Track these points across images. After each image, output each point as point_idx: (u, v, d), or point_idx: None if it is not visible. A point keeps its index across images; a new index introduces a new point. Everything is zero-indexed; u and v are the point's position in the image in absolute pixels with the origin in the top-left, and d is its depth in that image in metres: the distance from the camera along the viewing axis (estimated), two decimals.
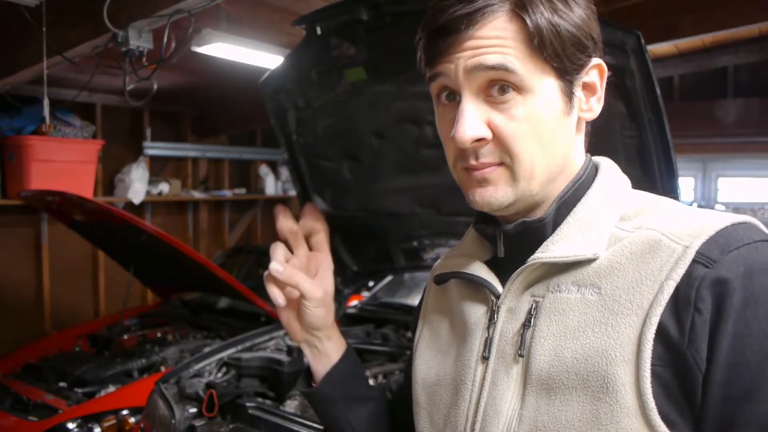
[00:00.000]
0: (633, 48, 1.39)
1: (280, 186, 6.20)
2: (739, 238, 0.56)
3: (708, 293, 0.54)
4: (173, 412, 1.82)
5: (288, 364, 2.20)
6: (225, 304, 3.54)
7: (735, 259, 0.55)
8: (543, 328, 0.61)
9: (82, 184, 3.88)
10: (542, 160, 0.62)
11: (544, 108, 0.61)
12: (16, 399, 2.64)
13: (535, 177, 0.62)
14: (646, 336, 0.55)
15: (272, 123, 2.22)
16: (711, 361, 0.53)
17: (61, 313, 4.36)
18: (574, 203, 0.65)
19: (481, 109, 0.61)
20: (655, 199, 0.65)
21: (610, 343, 0.56)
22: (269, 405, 1.89)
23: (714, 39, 4.90)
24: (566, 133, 0.64)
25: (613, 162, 0.71)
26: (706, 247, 0.56)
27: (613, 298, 0.58)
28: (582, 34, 0.61)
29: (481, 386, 0.65)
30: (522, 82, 0.59)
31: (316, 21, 1.80)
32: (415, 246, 2.48)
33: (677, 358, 0.54)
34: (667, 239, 0.58)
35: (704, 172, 11.69)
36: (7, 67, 2.90)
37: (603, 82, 0.66)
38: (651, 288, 0.56)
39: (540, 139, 0.61)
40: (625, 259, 0.59)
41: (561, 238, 0.63)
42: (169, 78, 3.82)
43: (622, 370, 0.55)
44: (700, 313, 0.53)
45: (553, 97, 0.61)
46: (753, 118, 5.62)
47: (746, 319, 0.53)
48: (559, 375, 0.59)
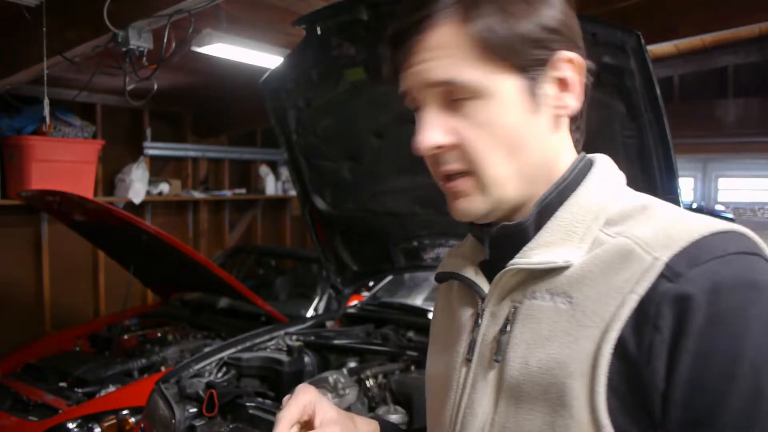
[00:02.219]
0: (633, 48, 1.39)
1: (280, 186, 6.20)
2: (711, 250, 0.53)
3: (669, 310, 0.51)
4: (173, 412, 1.82)
5: (288, 364, 2.20)
6: (225, 304, 3.54)
7: (702, 273, 0.51)
8: (517, 335, 0.60)
9: (82, 184, 3.87)
10: (510, 164, 0.60)
11: (505, 110, 0.59)
12: (16, 399, 2.64)
13: (507, 182, 0.61)
14: (602, 350, 0.53)
15: (272, 123, 2.22)
16: (670, 380, 0.50)
17: (61, 313, 4.35)
18: (557, 206, 0.62)
19: (444, 116, 0.60)
20: (645, 201, 0.62)
21: (571, 356, 0.55)
22: (269, 405, 1.89)
23: (714, 39, 4.91)
24: (536, 133, 0.61)
25: (608, 159, 0.68)
26: (675, 259, 0.52)
27: (581, 308, 0.56)
28: (537, 29, 0.58)
29: (463, 388, 0.65)
30: (475, 89, 0.58)
31: (316, 21, 1.80)
32: (415, 246, 2.48)
33: (635, 375, 0.52)
34: (640, 249, 0.55)
35: (704, 172, 11.70)
36: (7, 67, 2.90)
37: (580, 77, 0.62)
38: (615, 300, 0.54)
39: (504, 143, 0.60)
40: (597, 268, 0.57)
41: (539, 244, 0.61)
42: (169, 78, 3.82)
43: (578, 384, 0.54)
44: (659, 331, 0.51)
45: (513, 97, 0.59)
46: (753, 118, 5.62)
47: (709, 339, 0.49)
48: (525, 384, 0.58)
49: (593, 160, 0.67)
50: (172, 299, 3.83)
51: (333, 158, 2.26)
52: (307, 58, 1.93)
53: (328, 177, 2.33)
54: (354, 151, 2.19)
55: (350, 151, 2.20)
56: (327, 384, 1.97)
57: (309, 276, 3.88)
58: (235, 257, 4.44)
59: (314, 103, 2.11)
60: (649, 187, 1.56)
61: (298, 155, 2.30)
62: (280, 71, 2.04)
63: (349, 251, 2.59)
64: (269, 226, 6.41)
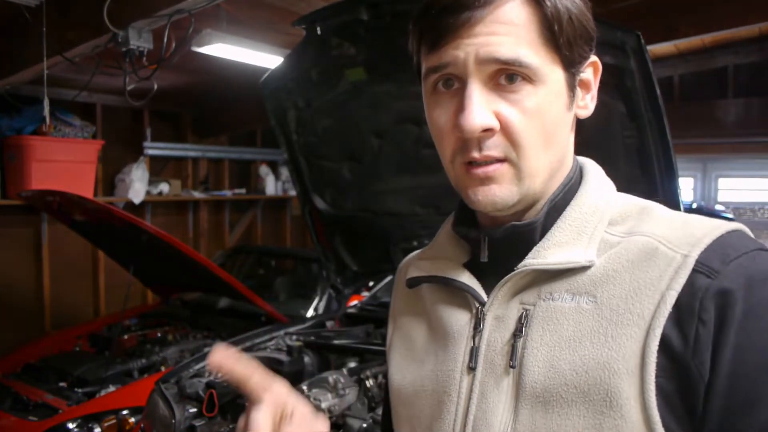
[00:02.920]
0: (633, 48, 1.39)
1: (280, 186, 6.20)
2: (736, 247, 0.55)
3: (712, 304, 0.52)
4: (173, 412, 1.82)
5: (288, 364, 2.20)
6: (225, 304, 3.54)
7: (736, 269, 0.54)
8: (536, 338, 0.58)
9: (82, 184, 3.87)
10: (546, 156, 0.59)
11: (553, 100, 0.58)
12: (16, 399, 2.64)
13: (539, 174, 0.60)
14: (650, 348, 0.53)
15: (272, 123, 2.22)
16: (713, 371, 0.52)
17: (61, 313, 4.35)
18: (563, 206, 0.62)
19: (488, 97, 0.57)
20: (640, 202, 0.64)
21: (612, 355, 0.54)
22: None
23: (714, 39, 4.91)
24: (567, 130, 0.62)
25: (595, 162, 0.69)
26: (705, 256, 0.54)
27: (610, 307, 0.56)
28: (588, 26, 0.60)
29: (468, 398, 0.61)
30: (535, 73, 0.56)
31: (316, 21, 1.80)
32: (415, 246, 2.48)
33: (681, 369, 0.53)
34: (664, 247, 0.56)
35: (704, 172, 11.70)
36: (7, 67, 2.90)
37: (597, 80, 0.64)
38: (651, 298, 0.54)
39: (546, 134, 0.58)
40: (621, 266, 0.57)
41: (553, 244, 0.60)
42: (169, 78, 3.82)
43: (626, 383, 0.53)
44: (704, 324, 0.52)
45: (560, 89, 0.59)
46: (753, 118, 5.62)
47: (746, 331, 0.52)
48: (556, 387, 0.56)
49: (583, 164, 0.68)
50: (172, 299, 3.83)
51: (333, 158, 2.26)
52: (307, 58, 1.93)
53: (328, 177, 2.33)
54: (354, 151, 2.19)
55: (350, 151, 2.20)
56: (327, 384, 1.97)
57: (309, 276, 3.88)
58: (235, 257, 4.44)
59: (314, 103, 2.11)
60: (649, 187, 1.56)
61: (298, 155, 2.30)
62: (280, 71, 2.04)
63: (349, 251, 2.59)
64: (269, 226, 6.41)
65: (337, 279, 2.67)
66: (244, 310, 3.36)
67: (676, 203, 1.55)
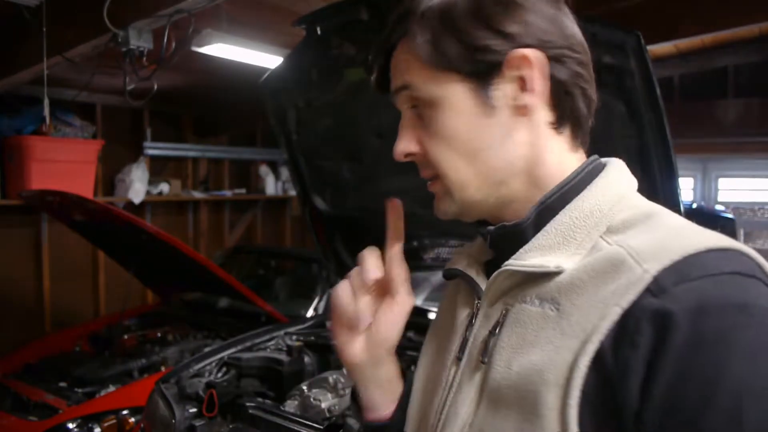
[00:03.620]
0: (633, 48, 1.39)
1: (280, 186, 6.20)
2: (704, 266, 0.50)
3: (648, 326, 0.48)
4: (173, 412, 1.82)
5: (288, 364, 2.20)
6: (225, 304, 3.54)
7: (688, 291, 0.49)
8: (504, 338, 0.59)
9: (82, 184, 3.87)
10: (469, 167, 0.62)
11: (454, 116, 0.61)
12: (16, 399, 2.64)
13: (468, 186, 0.62)
14: (579, 362, 0.51)
15: (272, 123, 2.22)
16: (644, 401, 0.48)
17: (61, 313, 4.35)
18: (559, 209, 0.60)
19: (413, 125, 0.65)
20: (651, 210, 0.59)
21: (549, 364, 0.53)
22: (269, 405, 1.89)
23: (714, 39, 4.91)
24: (495, 134, 0.60)
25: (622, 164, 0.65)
26: (663, 273, 0.50)
27: (567, 316, 0.55)
28: (485, 35, 0.58)
29: (450, 387, 0.64)
30: (426, 96, 0.62)
31: (316, 21, 1.80)
32: (415, 246, 2.48)
33: (610, 390, 0.50)
34: (632, 260, 0.53)
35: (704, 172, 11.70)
36: (7, 67, 2.90)
37: (539, 72, 0.59)
38: (600, 312, 0.52)
39: (459, 148, 0.61)
40: (587, 276, 0.55)
41: (535, 247, 0.59)
42: (169, 78, 3.82)
43: (553, 395, 0.52)
44: (636, 347, 0.49)
45: (463, 102, 0.60)
46: (753, 118, 5.62)
47: (687, 362, 0.47)
48: (504, 389, 0.57)
49: (605, 165, 0.65)
50: (172, 299, 3.83)
51: (333, 158, 2.26)
52: (307, 58, 1.93)
53: (328, 177, 2.33)
54: (354, 151, 2.19)
55: (350, 151, 2.20)
56: (327, 384, 1.97)
57: (309, 276, 3.88)
58: (235, 257, 4.44)
59: (314, 103, 2.11)
60: (649, 187, 1.55)
61: (298, 155, 2.30)
62: (280, 71, 2.04)
63: (349, 251, 2.58)
64: (269, 226, 6.41)
65: (337, 279, 2.66)
66: (244, 310, 3.36)
67: (676, 203, 1.55)
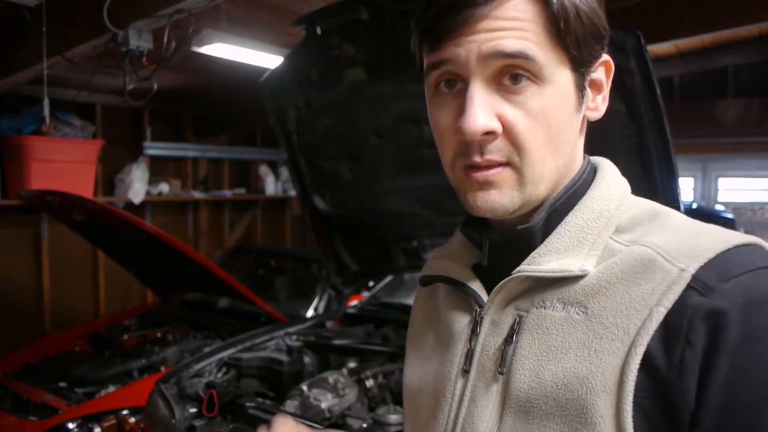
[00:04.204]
0: (633, 48, 1.39)
1: (280, 186, 6.20)
2: (740, 263, 0.51)
3: (702, 325, 0.48)
4: (173, 412, 1.82)
5: (288, 364, 2.20)
6: (225, 304, 3.54)
7: (734, 288, 0.49)
8: (525, 346, 0.57)
9: (82, 184, 3.87)
10: (552, 161, 0.57)
11: (560, 102, 0.56)
12: (16, 399, 2.64)
13: (544, 180, 0.58)
14: (629, 366, 0.50)
15: (272, 123, 2.22)
16: (701, 399, 0.48)
17: (61, 313, 4.35)
18: (566, 211, 0.59)
19: (491, 98, 0.54)
20: (654, 208, 0.59)
21: (592, 370, 0.52)
22: (269, 405, 1.89)
23: (714, 39, 4.91)
24: (575, 132, 0.60)
25: (612, 163, 0.65)
26: (703, 271, 0.50)
27: (599, 319, 0.53)
28: (600, 23, 0.57)
29: (460, 401, 0.61)
30: (540, 71, 0.54)
31: (316, 21, 1.80)
32: (415, 246, 2.48)
33: (663, 391, 0.49)
34: (662, 259, 0.52)
35: (704, 172, 11.70)
36: (7, 67, 2.90)
37: (609, 81, 0.61)
38: (640, 313, 0.51)
39: (552, 137, 0.56)
40: (615, 278, 0.54)
41: (549, 250, 0.57)
42: (169, 78, 3.82)
43: (603, 401, 0.51)
44: (691, 346, 0.48)
45: (568, 90, 0.56)
46: (753, 118, 5.63)
47: (743, 356, 0.47)
48: (537, 398, 0.55)
49: (597, 165, 0.64)
50: (172, 299, 3.83)
51: (333, 158, 2.26)
52: (307, 58, 1.94)
53: (328, 177, 2.33)
54: (354, 151, 2.19)
55: (350, 151, 2.20)
56: (327, 384, 1.97)
57: (309, 276, 3.88)
58: (235, 257, 4.44)
59: (314, 103, 2.11)
60: (649, 187, 1.56)
61: (298, 155, 2.30)
62: (280, 71, 2.04)
63: (349, 251, 2.59)
64: (269, 226, 6.41)
65: (337, 279, 2.66)
66: (244, 310, 3.36)
67: (676, 203, 1.55)
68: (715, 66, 5.78)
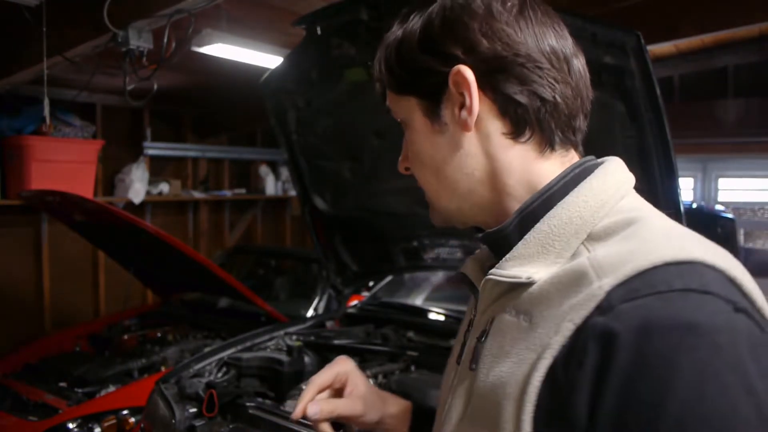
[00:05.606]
0: (633, 48, 1.39)
1: (280, 186, 6.20)
2: (654, 283, 0.48)
3: (594, 346, 0.48)
4: (173, 412, 1.81)
5: (288, 364, 2.20)
6: (225, 304, 3.54)
7: (632, 309, 0.47)
8: (487, 346, 0.59)
9: (82, 184, 3.87)
10: (436, 182, 0.66)
11: (417, 135, 0.66)
12: (16, 399, 2.64)
13: (441, 199, 0.67)
14: (533, 376, 0.51)
15: (272, 123, 2.22)
16: (592, 422, 0.47)
17: (61, 313, 4.35)
18: (542, 216, 0.59)
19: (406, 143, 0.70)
20: (635, 216, 0.56)
21: (510, 377, 0.54)
22: (269, 405, 1.89)
23: (714, 39, 4.91)
24: (449, 149, 0.63)
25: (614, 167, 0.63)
26: (617, 288, 0.49)
27: (535, 329, 0.54)
28: (425, 58, 0.62)
29: (449, 389, 0.66)
30: (400, 117, 0.68)
31: (316, 21, 1.80)
32: (415, 246, 2.48)
33: (560, 406, 0.49)
34: (593, 273, 0.51)
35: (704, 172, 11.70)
36: (7, 67, 2.90)
37: (468, 88, 0.60)
38: (555, 326, 0.51)
39: (426, 165, 0.66)
40: (554, 288, 0.54)
41: (514, 256, 0.59)
42: (169, 78, 3.82)
43: (510, 408, 0.52)
44: (581, 366, 0.48)
45: (419, 122, 0.65)
46: (753, 118, 5.62)
47: (632, 384, 0.46)
48: (481, 398, 0.58)
49: (595, 167, 0.62)
50: (172, 299, 3.83)
51: (333, 158, 2.26)
52: (307, 58, 1.93)
53: (328, 177, 2.33)
54: (354, 151, 2.19)
55: (350, 151, 2.20)
56: None
57: (309, 276, 3.88)
58: (235, 257, 4.44)
59: (314, 103, 2.11)
60: (649, 187, 1.56)
61: (298, 155, 2.30)
62: (280, 71, 2.04)
63: (349, 251, 2.59)
64: (269, 226, 6.41)
65: (337, 279, 2.66)
66: (244, 310, 3.36)
67: (676, 203, 1.55)
68: (715, 66, 5.78)
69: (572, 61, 0.62)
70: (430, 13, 0.62)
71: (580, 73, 0.63)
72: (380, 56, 0.67)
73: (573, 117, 0.62)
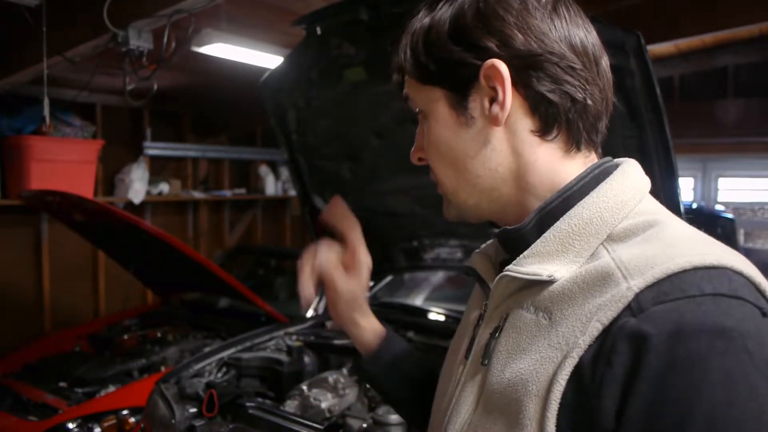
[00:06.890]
0: (633, 48, 1.39)
1: (280, 186, 6.20)
2: (684, 287, 0.48)
3: (624, 347, 0.48)
4: (173, 412, 1.82)
5: (288, 364, 2.20)
6: (225, 304, 3.54)
7: (665, 313, 0.47)
8: (502, 342, 0.60)
9: (82, 184, 3.87)
10: (456, 176, 0.65)
11: (440, 127, 0.64)
12: (16, 399, 2.64)
13: (459, 193, 0.66)
14: (559, 375, 0.51)
15: (272, 123, 2.22)
16: (620, 423, 0.48)
17: (61, 313, 4.35)
18: (561, 215, 0.59)
19: (422, 133, 0.68)
20: (655, 219, 0.57)
21: (534, 375, 0.54)
22: (269, 405, 1.89)
23: (714, 39, 4.90)
24: (475, 144, 0.62)
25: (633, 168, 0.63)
26: (647, 291, 0.49)
27: (557, 327, 0.54)
28: (457, 50, 0.60)
29: (457, 384, 0.66)
30: (419, 108, 0.67)
31: (316, 21, 1.80)
32: (415, 246, 2.48)
33: (586, 405, 0.50)
34: (619, 274, 0.52)
35: (704, 172, 11.70)
36: (7, 67, 2.90)
37: (503, 83, 0.59)
38: (584, 326, 0.51)
39: (446, 157, 0.65)
40: (577, 287, 0.54)
41: (533, 253, 0.59)
42: (169, 78, 3.82)
43: (533, 405, 0.53)
44: (611, 367, 0.48)
45: (444, 114, 0.63)
46: (753, 118, 5.62)
47: (663, 386, 0.46)
48: (496, 393, 0.58)
49: (614, 168, 0.63)
50: (172, 299, 3.83)
51: (333, 158, 2.26)
52: (307, 58, 1.93)
53: (328, 177, 2.33)
54: (354, 151, 2.19)
55: (350, 151, 2.20)
56: (327, 384, 1.97)
57: None
58: (235, 257, 4.44)
59: (314, 103, 2.11)
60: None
61: (298, 155, 2.30)
62: (280, 71, 2.04)
63: None
64: (269, 226, 6.40)
65: None
66: (244, 310, 3.36)
67: (676, 203, 1.55)
68: (715, 66, 5.77)
69: (601, 62, 0.62)
70: (462, 3, 0.61)
71: (607, 74, 0.63)
72: (405, 43, 0.65)
73: (599, 118, 0.63)
